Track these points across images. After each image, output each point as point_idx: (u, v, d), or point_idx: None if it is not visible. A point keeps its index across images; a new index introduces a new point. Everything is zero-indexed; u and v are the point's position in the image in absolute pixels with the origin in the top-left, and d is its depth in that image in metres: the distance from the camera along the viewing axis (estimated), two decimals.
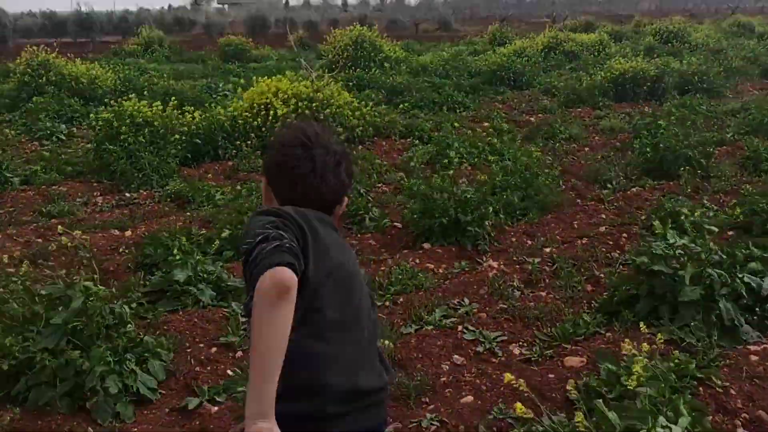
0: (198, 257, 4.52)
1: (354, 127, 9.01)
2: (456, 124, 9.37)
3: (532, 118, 10.83)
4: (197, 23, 40.94)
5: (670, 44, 21.43)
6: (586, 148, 8.64)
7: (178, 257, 4.41)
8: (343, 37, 16.45)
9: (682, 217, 5.08)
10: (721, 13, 51.38)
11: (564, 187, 6.81)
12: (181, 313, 4.10)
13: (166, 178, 7.18)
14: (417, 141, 9.07)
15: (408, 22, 39.31)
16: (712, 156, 7.19)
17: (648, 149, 7.23)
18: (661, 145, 7.12)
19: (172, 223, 5.70)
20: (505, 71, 14.12)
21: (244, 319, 4.07)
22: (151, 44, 23.23)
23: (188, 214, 6.11)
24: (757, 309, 3.81)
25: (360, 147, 8.91)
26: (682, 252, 3.80)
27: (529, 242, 5.41)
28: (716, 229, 3.87)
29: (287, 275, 1.47)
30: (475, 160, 7.49)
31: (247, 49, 21.09)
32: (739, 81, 14.09)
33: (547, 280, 4.66)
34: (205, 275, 4.44)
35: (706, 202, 6.19)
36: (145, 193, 6.91)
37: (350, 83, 13.31)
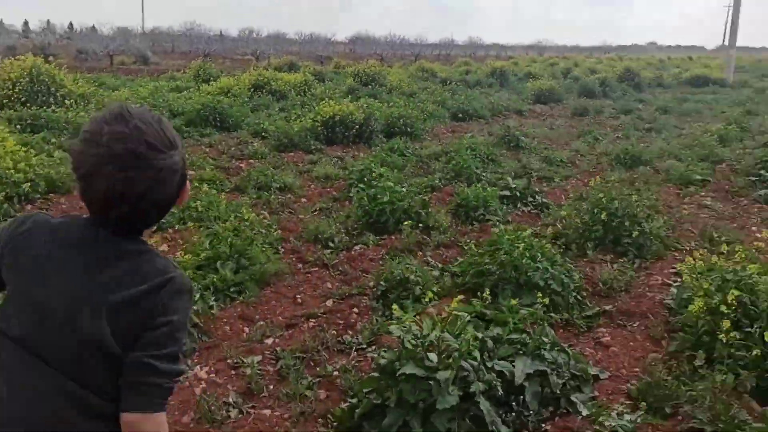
0: None
1: (19, 183, 7.14)
2: None
3: (242, 164, 9.92)
4: None
5: (369, 86, 22.49)
6: (303, 199, 7.97)
7: None
8: (14, 69, 13.79)
9: (415, 286, 4.58)
10: (406, 58, 56.98)
11: (283, 250, 5.96)
12: None
13: None
14: None
15: (102, 53, 35.90)
16: (428, 206, 6.99)
17: (366, 201, 6.77)
18: (379, 197, 6.71)
19: None
20: (212, 111, 13.04)
21: None
22: None
23: None
24: (513, 403, 3.31)
25: (29, 207, 7.08)
26: (435, 344, 3.14)
27: (247, 330, 4.40)
28: (467, 316, 3.28)
29: None
30: (177, 224, 6.26)
31: None
32: (434, 124, 14.95)
33: (271, 387, 3.69)
34: None
35: (429, 258, 5.85)
36: None
37: (21, 124, 11.03)
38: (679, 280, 5.04)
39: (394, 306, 3.49)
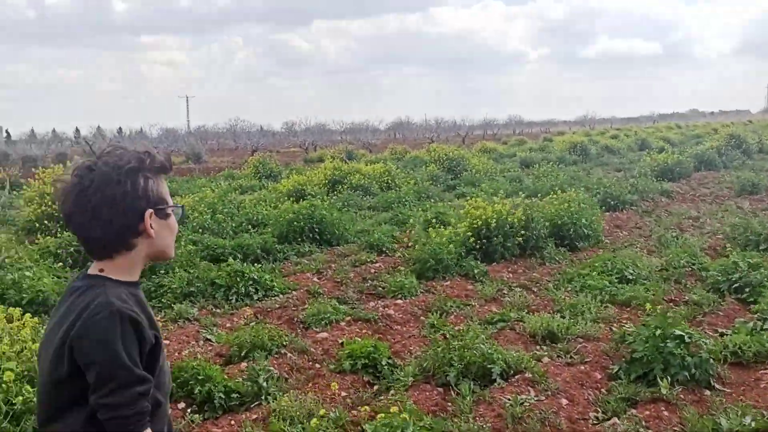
0: None
1: None
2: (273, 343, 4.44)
3: (390, 309, 6.32)
4: None
5: (453, 172, 19.43)
6: (564, 401, 4.24)
7: None
8: (51, 179, 10.66)
9: None
10: (452, 140, 54.21)
11: None
12: None
13: None
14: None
15: None
16: None
17: None
18: None
19: None
20: (307, 220, 9.65)
21: None
22: None
23: None
24: None
25: None
26: None
27: None
28: None
29: None
30: None
31: None
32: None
33: None
34: None
35: None
36: None
37: (59, 252, 7.76)
38: None
39: None
